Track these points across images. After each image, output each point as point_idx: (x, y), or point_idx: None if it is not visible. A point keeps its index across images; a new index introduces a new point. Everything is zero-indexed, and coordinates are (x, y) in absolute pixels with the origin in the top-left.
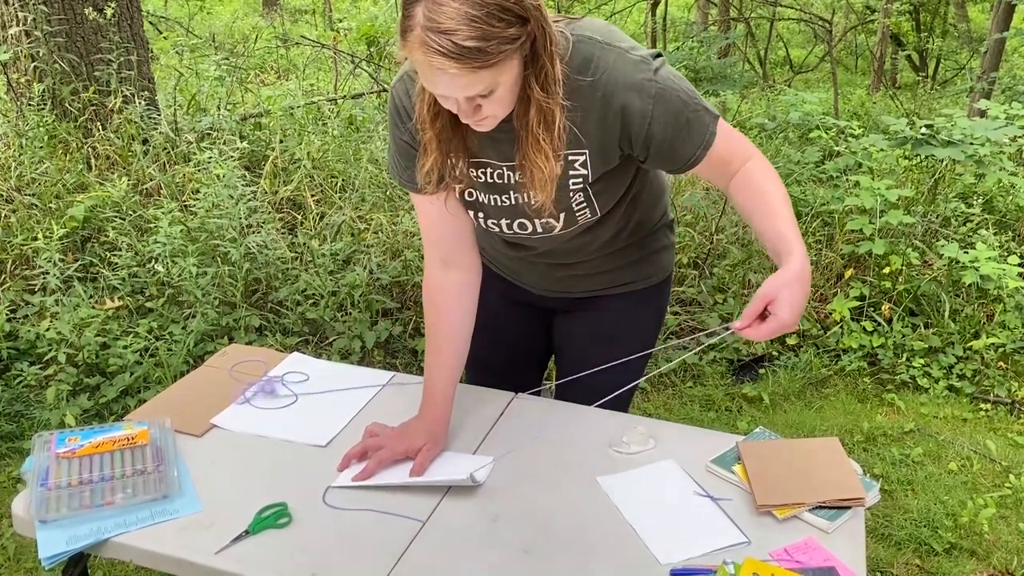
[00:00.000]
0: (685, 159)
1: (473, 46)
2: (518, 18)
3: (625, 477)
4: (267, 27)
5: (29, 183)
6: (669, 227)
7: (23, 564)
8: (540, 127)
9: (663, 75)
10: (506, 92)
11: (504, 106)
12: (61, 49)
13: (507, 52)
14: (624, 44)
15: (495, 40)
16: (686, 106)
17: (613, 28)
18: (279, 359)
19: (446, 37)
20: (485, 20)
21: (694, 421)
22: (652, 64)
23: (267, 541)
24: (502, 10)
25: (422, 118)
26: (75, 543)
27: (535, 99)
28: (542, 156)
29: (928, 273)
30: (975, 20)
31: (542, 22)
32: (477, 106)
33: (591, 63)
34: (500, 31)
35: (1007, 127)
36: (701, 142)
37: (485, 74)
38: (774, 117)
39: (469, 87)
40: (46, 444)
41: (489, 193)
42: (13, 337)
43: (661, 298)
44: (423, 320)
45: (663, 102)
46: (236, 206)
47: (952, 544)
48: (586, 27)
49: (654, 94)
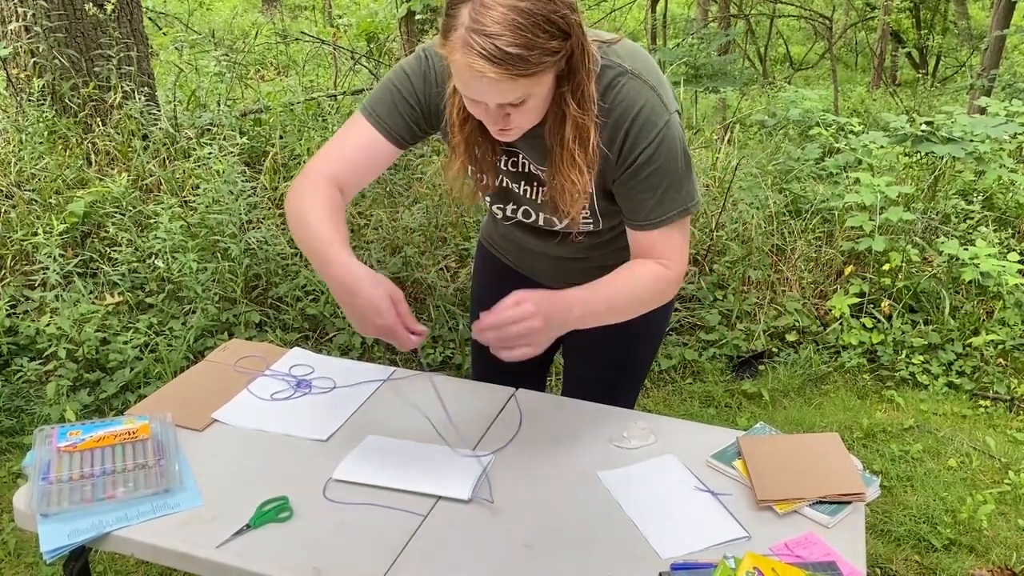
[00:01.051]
0: (639, 215)
1: (516, 53)
2: (561, 32)
3: (626, 472)
4: (267, 23)
5: (29, 179)
6: None
7: (23, 559)
8: (575, 143)
9: (673, 127)
10: (537, 103)
11: (532, 117)
12: (61, 45)
13: (547, 64)
14: (651, 79)
15: (538, 51)
16: (675, 172)
17: (645, 57)
18: (279, 354)
19: (490, 41)
20: (531, 29)
21: (694, 417)
22: (669, 111)
23: (268, 535)
24: (548, 22)
25: (452, 122)
26: (76, 537)
27: (571, 115)
28: (576, 171)
29: (928, 270)
30: (975, 17)
31: (582, 39)
32: (506, 115)
33: (613, 90)
34: (544, 42)
35: (1007, 124)
36: (662, 215)
37: (522, 82)
38: (774, 114)
39: (504, 94)
40: (47, 438)
41: (514, 181)
42: (13, 332)
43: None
44: (423, 316)
45: (663, 152)
46: (236, 202)
47: (951, 540)
48: (618, 52)
49: (660, 139)
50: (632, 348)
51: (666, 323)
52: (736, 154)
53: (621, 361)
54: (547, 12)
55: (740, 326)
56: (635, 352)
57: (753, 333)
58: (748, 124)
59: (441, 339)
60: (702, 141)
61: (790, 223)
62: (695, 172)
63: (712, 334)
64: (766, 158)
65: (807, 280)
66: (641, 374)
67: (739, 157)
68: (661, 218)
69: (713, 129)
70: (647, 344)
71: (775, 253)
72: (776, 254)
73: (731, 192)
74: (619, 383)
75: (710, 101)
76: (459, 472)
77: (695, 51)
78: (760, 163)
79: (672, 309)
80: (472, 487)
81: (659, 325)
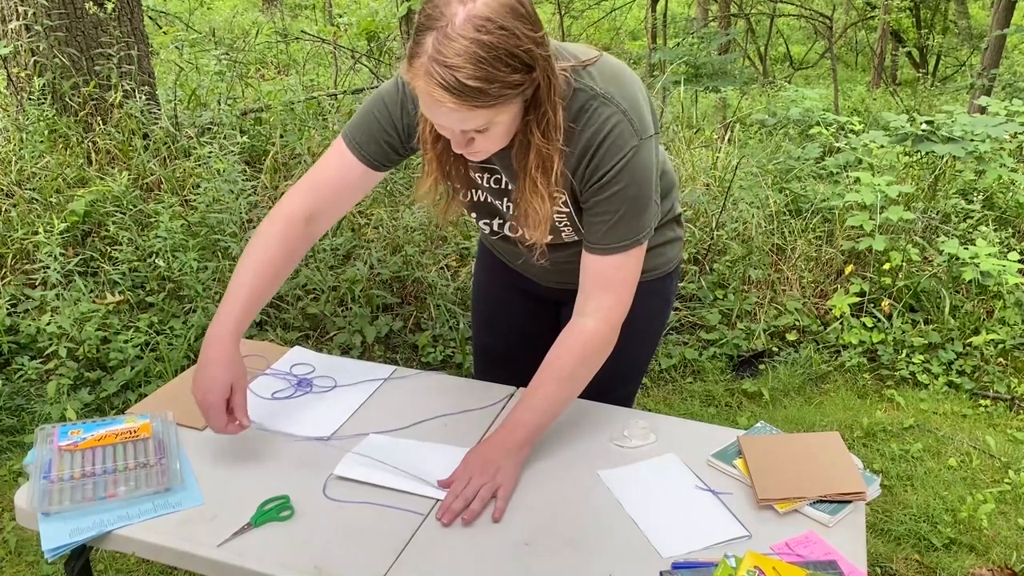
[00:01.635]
0: (592, 237)
1: (475, 86)
2: (524, 65)
3: (626, 471)
4: (267, 22)
5: (29, 177)
6: (676, 221)
7: (24, 557)
8: (538, 170)
9: (643, 153)
10: (501, 131)
11: (496, 143)
12: (61, 44)
13: (508, 96)
14: (624, 103)
15: (498, 84)
16: (636, 199)
17: (622, 78)
18: (280, 353)
19: (450, 72)
20: (491, 63)
21: (694, 416)
22: (640, 136)
23: (269, 534)
24: (511, 56)
25: (424, 139)
26: (78, 535)
27: (535, 144)
28: (538, 198)
29: (928, 269)
30: (975, 17)
31: (549, 72)
32: (471, 139)
33: (585, 114)
34: (504, 75)
35: (1007, 123)
36: (614, 241)
37: (482, 113)
38: (774, 113)
39: (464, 122)
40: (49, 437)
41: (491, 196)
42: (14, 331)
43: (667, 290)
44: (423, 315)
45: (625, 176)
46: (236, 201)
47: (951, 539)
48: (593, 74)
49: (624, 163)
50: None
51: (661, 323)
52: (736, 153)
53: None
54: (510, 46)
55: (740, 325)
56: (629, 353)
57: (753, 332)
58: (748, 123)
59: (441, 338)
60: (702, 140)
61: (790, 222)
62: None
63: (712, 333)
64: (766, 157)
65: (807, 279)
66: (636, 375)
67: (739, 156)
68: (611, 246)
69: (713, 128)
70: (641, 345)
71: (775, 252)
72: (776, 253)
73: (731, 191)
74: (613, 384)
75: (710, 100)
76: None
77: (695, 50)
78: (760, 162)
79: (668, 310)
80: None
81: (653, 326)
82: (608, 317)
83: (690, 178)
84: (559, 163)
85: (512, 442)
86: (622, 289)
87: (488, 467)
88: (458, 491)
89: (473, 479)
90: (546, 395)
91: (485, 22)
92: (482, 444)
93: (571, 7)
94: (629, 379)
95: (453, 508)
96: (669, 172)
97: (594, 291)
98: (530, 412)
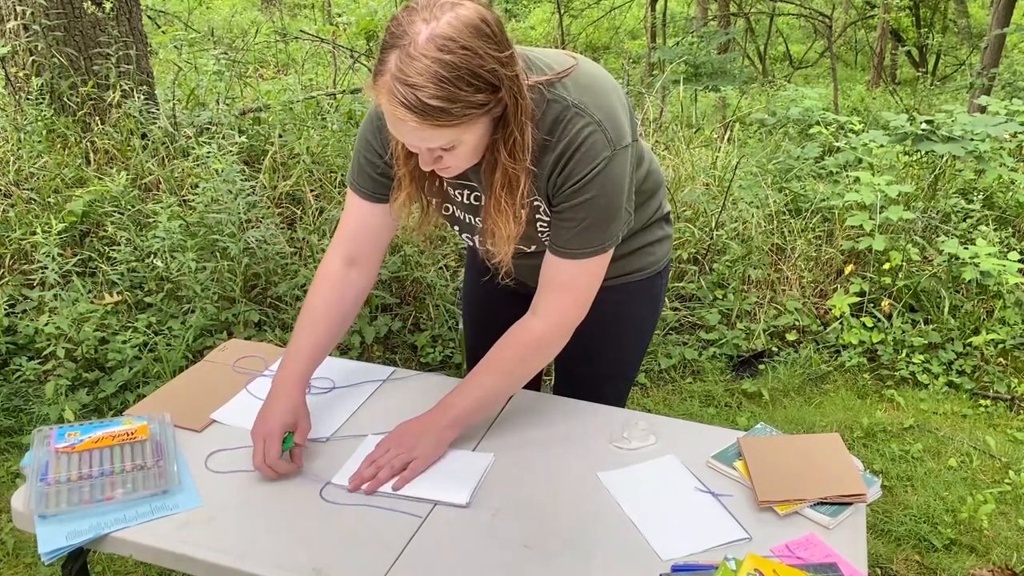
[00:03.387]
0: (558, 239)
1: (437, 105)
2: (489, 85)
3: (626, 472)
4: (266, 22)
5: (27, 177)
6: (665, 220)
7: (22, 559)
8: (503, 189)
9: (617, 163)
10: (469, 149)
11: (465, 161)
12: (59, 43)
13: (472, 115)
14: (599, 113)
15: (460, 104)
16: (605, 209)
17: (598, 86)
18: (279, 354)
19: (412, 91)
20: (453, 83)
21: (694, 417)
22: (615, 146)
23: (268, 535)
24: (474, 76)
25: (396, 154)
26: (75, 538)
27: (501, 163)
28: (503, 217)
29: (928, 269)
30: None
31: (516, 92)
32: (438, 157)
33: (560, 124)
34: (467, 95)
35: (1007, 123)
36: (577, 248)
37: (445, 132)
38: (774, 113)
39: (427, 140)
40: (46, 439)
41: (465, 212)
42: (12, 332)
43: (657, 288)
44: (423, 315)
45: (595, 186)
46: (235, 201)
47: (952, 540)
48: (567, 85)
49: (595, 173)
50: (616, 348)
51: (652, 322)
52: (736, 153)
53: (605, 360)
54: (473, 66)
55: (740, 325)
56: (620, 352)
57: (753, 332)
58: (748, 123)
59: (441, 338)
60: (702, 140)
61: (790, 222)
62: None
63: (712, 333)
64: (766, 157)
65: (807, 279)
66: (627, 374)
67: (739, 156)
68: (575, 251)
69: (713, 128)
70: (631, 344)
71: (775, 252)
72: (776, 253)
73: (731, 191)
74: (604, 382)
75: (710, 100)
76: (458, 475)
77: (695, 50)
78: (760, 162)
79: (658, 308)
80: (471, 491)
81: (644, 324)
82: (559, 320)
83: (689, 177)
84: (526, 183)
85: (438, 422)
86: (578, 294)
87: (406, 440)
88: (372, 459)
89: (391, 450)
90: (482, 385)
91: (448, 42)
92: (410, 420)
93: (570, 6)
94: (620, 377)
95: (362, 474)
96: (655, 172)
97: (550, 292)
98: (463, 398)
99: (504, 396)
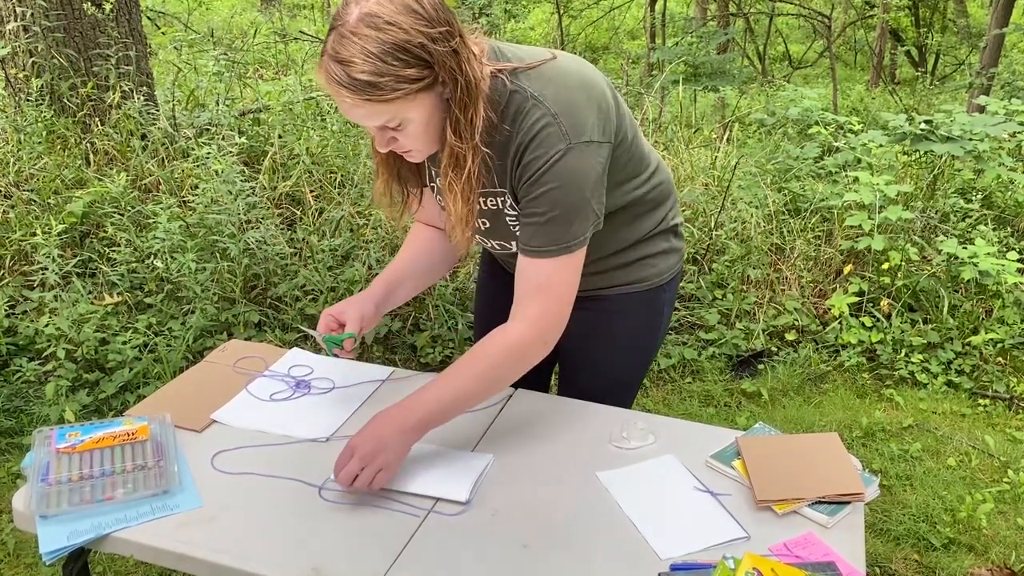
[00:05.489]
0: (523, 237)
1: (366, 79)
2: (419, 60)
3: (625, 472)
4: (265, 22)
5: (27, 179)
6: (673, 233)
7: (23, 559)
8: (452, 170)
9: (574, 156)
10: (419, 128)
11: (420, 142)
12: (59, 44)
13: (406, 90)
14: (556, 107)
15: (390, 77)
16: (565, 203)
17: (565, 81)
18: (279, 354)
19: (342, 68)
20: (380, 57)
21: (693, 416)
22: (569, 140)
23: (267, 536)
24: (400, 50)
25: (372, 143)
26: (76, 538)
27: (448, 142)
28: (451, 196)
29: (927, 269)
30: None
31: (456, 71)
32: (392, 138)
33: (519, 116)
34: (397, 70)
35: (1006, 123)
36: (543, 244)
37: (382, 107)
38: (773, 113)
39: (369, 118)
40: (46, 439)
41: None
42: (12, 333)
43: (659, 301)
44: (422, 315)
45: (551, 177)
46: (235, 202)
47: (950, 539)
48: (531, 76)
49: (550, 164)
50: (609, 362)
51: (651, 338)
52: (735, 153)
53: (600, 375)
54: (399, 41)
55: (739, 325)
56: (614, 367)
57: (752, 332)
58: (747, 123)
59: (440, 339)
60: (701, 140)
61: (789, 222)
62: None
63: (711, 333)
64: (765, 157)
65: (806, 279)
66: (625, 390)
67: (738, 156)
68: (539, 248)
69: (712, 128)
70: (626, 359)
71: (774, 252)
72: (775, 253)
73: (730, 191)
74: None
75: (709, 100)
76: (458, 473)
77: (694, 50)
78: (759, 162)
79: (659, 324)
80: (470, 489)
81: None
82: (537, 325)
83: (689, 178)
84: (475, 164)
85: (405, 423)
86: (551, 297)
87: (367, 443)
88: (341, 464)
89: (356, 456)
90: (454, 387)
91: (375, 19)
92: (376, 419)
93: (569, 6)
94: (619, 389)
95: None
96: (663, 184)
97: (524, 296)
98: (433, 398)
99: (475, 400)
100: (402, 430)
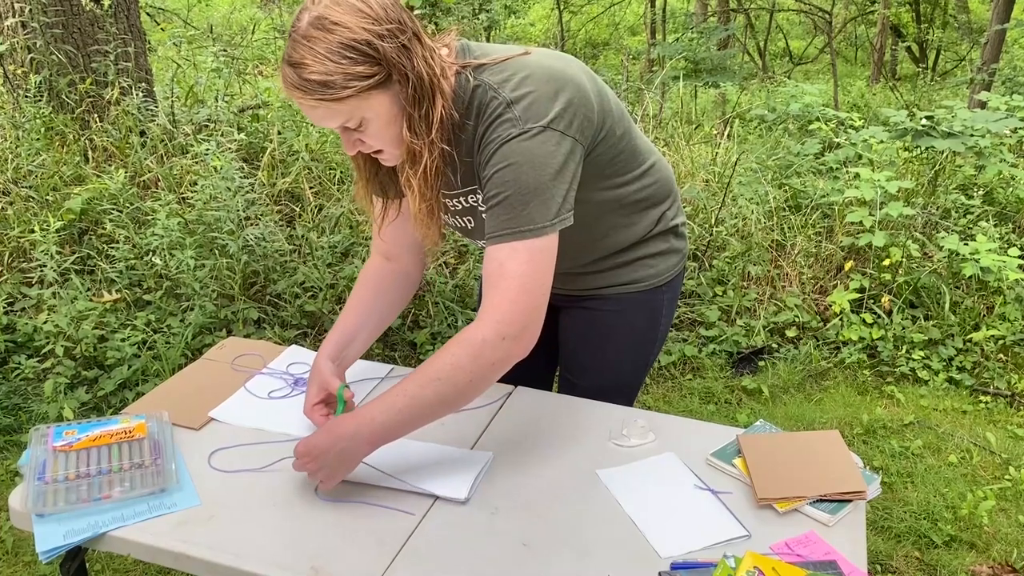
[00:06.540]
0: (486, 231)
1: (316, 79)
2: (367, 57)
3: (625, 470)
4: (265, 18)
5: (26, 175)
6: (673, 233)
7: (21, 558)
8: (407, 165)
9: (527, 139)
10: (380, 128)
11: (383, 141)
12: (58, 40)
13: (358, 87)
14: (512, 95)
15: (339, 75)
16: (518, 184)
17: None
18: (277, 352)
19: (294, 70)
20: (327, 56)
21: (693, 414)
22: (523, 125)
23: (265, 534)
24: (347, 48)
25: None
26: (73, 537)
27: (404, 139)
28: (411, 193)
29: (928, 265)
30: (975, 11)
31: (408, 69)
32: (358, 139)
33: (481, 109)
34: (345, 67)
35: (1007, 119)
36: (499, 228)
37: (338, 107)
38: (774, 109)
39: (327, 119)
40: (43, 438)
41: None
42: (10, 330)
43: (657, 302)
44: (422, 312)
45: (503, 156)
46: (234, 198)
47: (952, 536)
48: (494, 70)
49: (501, 145)
50: (604, 364)
51: (648, 341)
52: (736, 149)
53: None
54: (346, 39)
55: (740, 322)
56: (610, 369)
57: (753, 329)
58: (748, 119)
59: (440, 336)
60: (701, 136)
61: (790, 218)
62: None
63: (712, 330)
64: (766, 153)
65: (807, 276)
66: (621, 393)
67: (739, 152)
68: (495, 233)
69: (713, 124)
70: (621, 362)
71: (775, 249)
72: (776, 250)
73: (731, 187)
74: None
75: (709, 96)
76: (457, 471)
77: (694, 46)
78: (760, 158)
79: (657, 326)
80: (470, 487)
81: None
82: (497, 321)
83: (689, 174)
84: (432, 162)
85: (353, 439)
86: (510, 286)
87: (311, 458)
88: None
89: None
90: (407, 394)
91: (323, 20)
92: (324, 431)
93: (570, 3)
94: (618, 391)
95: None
96: (662, 182)
97: (487, 291)
98: (382, 410)
99: (438, 408)
100: (352, 445)
